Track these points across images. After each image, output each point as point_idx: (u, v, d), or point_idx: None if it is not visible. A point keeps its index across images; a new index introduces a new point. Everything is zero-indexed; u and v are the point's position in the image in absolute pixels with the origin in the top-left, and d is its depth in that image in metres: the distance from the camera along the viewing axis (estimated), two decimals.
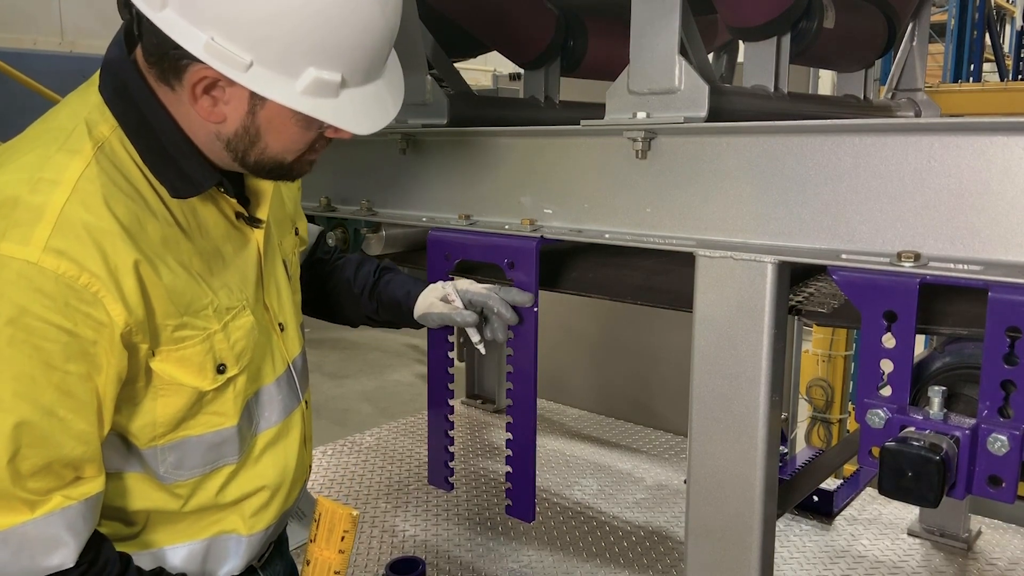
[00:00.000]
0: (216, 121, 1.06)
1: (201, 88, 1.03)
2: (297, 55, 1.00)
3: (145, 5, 0.98)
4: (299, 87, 1.01)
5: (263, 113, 1.06)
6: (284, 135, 1.09)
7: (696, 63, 1.31)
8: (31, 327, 0.93)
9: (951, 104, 4.30)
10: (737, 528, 1.22)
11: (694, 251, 1.22)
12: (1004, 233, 1.00)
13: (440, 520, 2.36)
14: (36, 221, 0.94)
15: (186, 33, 0.97)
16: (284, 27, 0.98)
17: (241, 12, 0.97)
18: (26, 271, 0.92)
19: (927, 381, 1.28)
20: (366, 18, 1.03)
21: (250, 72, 0.99)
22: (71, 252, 0.95)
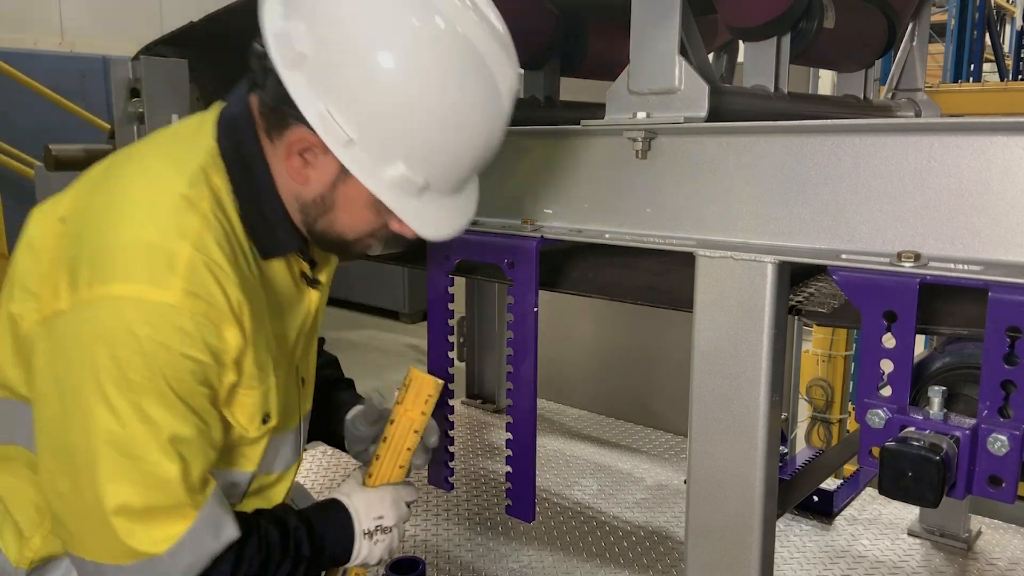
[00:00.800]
0: (300, 182, 1.13)
1: (297, 148, 1.10)
2: (395, 149, 1.06)
3: (281, 63, 1.04)
4: (385, 177, 1.07)
5: (343, 188, 1.12)
6: (355, 214, 1.15)
7: (696, 63, 1.31)
8: (174, 362, 1.03)
9: (951, 104, 4.29)
10: (737, 528, 1.22)
11: (694, 251, 1.22)
12: (1004, 233, 1.00)
13: (440, 520, 2.36)
14: (171, 269, 1.03)
15: (306, 99, 1.04)
16: (394, 122, 1.04)
17: (361, 96, 1.03)
18: (168, 313, 1.02)
19: (927, 381, 1.28)
20: (471, 141, 1.10)
21: (348, 149, 1.05)
22: (202, 292, 1.04)
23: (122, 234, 1.04)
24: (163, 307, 1.02)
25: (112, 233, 1.05)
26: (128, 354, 1.01)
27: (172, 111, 2.19)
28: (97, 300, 1.02)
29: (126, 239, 1.04)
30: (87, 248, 1.05)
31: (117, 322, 1.01)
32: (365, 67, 1.02)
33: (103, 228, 1.06)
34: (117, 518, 1.03)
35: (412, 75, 1.02)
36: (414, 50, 1.02)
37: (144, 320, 1.01)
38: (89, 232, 1.07)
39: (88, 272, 1.03)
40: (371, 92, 1.03)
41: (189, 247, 1.05)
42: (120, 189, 1.10)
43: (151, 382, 1.02)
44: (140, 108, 2.17)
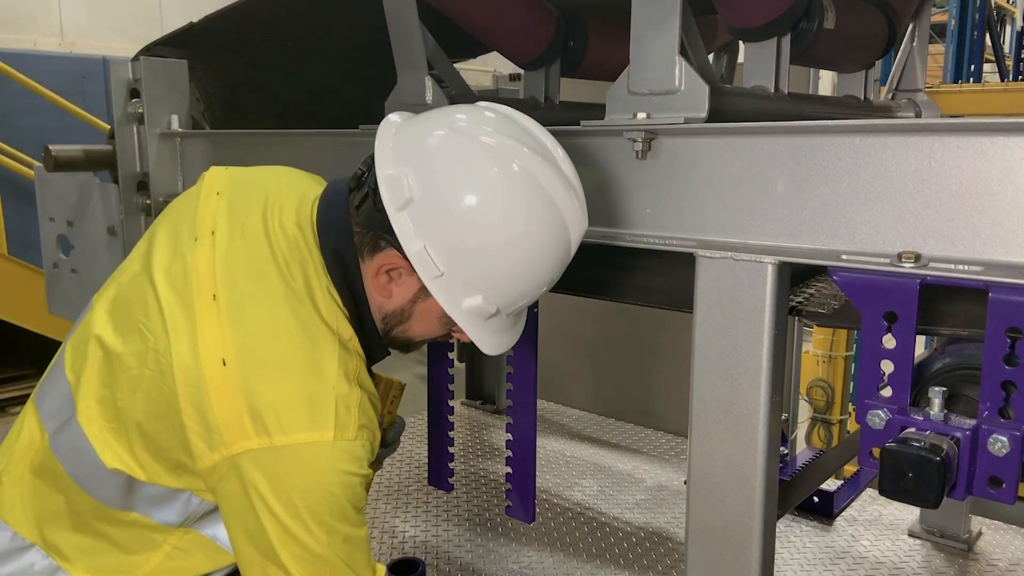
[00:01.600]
0: (383, 296, 1.28)
1: (386, 268, 1.25)
2: (476, 285, 1.20)
3: (390, 204, 1.18)
4: (464, 305, 1.22)
5: (421, 304, 1.27)
6: (427, 325, 1.31)
7: (696, 63, 1.31)
8: (352, 483, 1.20)
9: (951, 105, 4.30)
10: (737, 529, 1.22)
11: (694, 251, 1.22)
12: (1004, 234, 1.00)
13: (440, 521, 2.36)
14: (348, 411, 1.19)
15: (409, 237, 1.18)
16: (479, 263, 1.19)
17: (455, 239, 1.18)
18: (352, 448, 1.19)
19: (927, 382, 1.28)
20: (541, 284, 1.25)
21: (436, 282, 1.20)
22: (369, 425, 1.23)
23: (300, 386, 1.18)
24: (349, 444, 1.18)
25: (286, 385, 1.18)
26: (319, 482, 1.17)
27: (171, 112, 2.19)
28: (289, 446, 1.16)
29: (306, 390, 1.18)
30: (266, 399, 1.16)
31: (312, 462, 1.17)
32: (460, 214, 1.17)
33: (275, 379, 1.18)
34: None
35: (497, 226, 1.17)
36: (499, 204, 1.17)
37: (333, 456, 1.17)
38: (262, 383, 1.17)
39: (274, 420, 1.16)
40: (464, 236, 1.17)
41: (359, 390, 1.22)
42: (278, 331, 1.21)
43: (336, 501, 1.18)
44: (140, 109, 2.17)
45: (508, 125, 1.22)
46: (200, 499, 1.28)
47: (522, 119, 1.25)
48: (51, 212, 2.53)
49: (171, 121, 2.18)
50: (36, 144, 2.81)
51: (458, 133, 1.20)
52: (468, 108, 1.26)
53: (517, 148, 1.18)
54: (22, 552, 1.30)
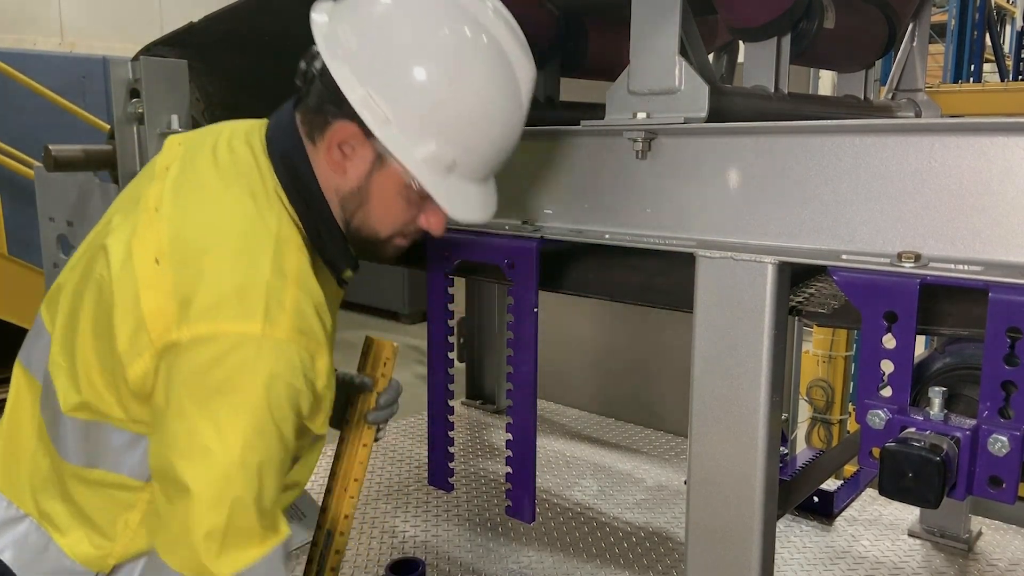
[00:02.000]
0: (339, 175, 1.23)
1: (337, 140, 1.21)
2: (427, 128, 1.16)
3: (329, 57, 1.16)
4: (418, 154, 1.17)
5: (378, 178, 1.22)
6: (388, 204, 1.25)
7: (696, 63, 1.31)
8: (279, 391, 1.12)
9: (951, 104, 4.29)
10: (737, 529, 1.22)
11: (694, 251, 1.22)
12: (1004, 234, 1.00)
13: (440, 520, 2.36)
14: (281, 307, 1.13)
15: (350, 85, 1.15)
16: (426, 103, 1.15)
17: (397, 80, 1.15)
18: (280, 347, 1.12)
19: (927, 382, 1.28)
20: (493, 127, 1.21)
21: (386, 128, 1.16)
22: (307, 329, 1.15)
23: (232, 273, 1.13)
24: (275, 342, 1.12)
25: (223, 272, 1.13)
26: (240, 383, 1.10)
27: (171, 112, 2.19)
28: (214, 335, 1.10)
29: (236, 278, 1.13)
30: (199, 287, 1.12)
31: (234, 355, 1.10)
32: (400, 55, 1.15)
33: (210, 264, 1.14)
34: (206, 541, 1.11)
35: (443, 63, 1.15)
36: (440, 39, 1.16)
37: (260, 355, 1.11)
38: (196, 271, 1.13)
39: (199, 311, 1.11)
40: (406, 76, 1.14)
41: (295, 287, 1.16)
42: (217, 227, 1.17)
43: (257, 409, 1.11)
44: (140, 109, 2.17)
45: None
46: None
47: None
48: (51, 212, 2.53)
49: (171, 121, 2.18)
50: (36, 144, 2.81)
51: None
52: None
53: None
54: (16, 523, 1.28)
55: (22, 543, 1.27)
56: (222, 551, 1.11)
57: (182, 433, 1.11)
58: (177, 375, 1.11)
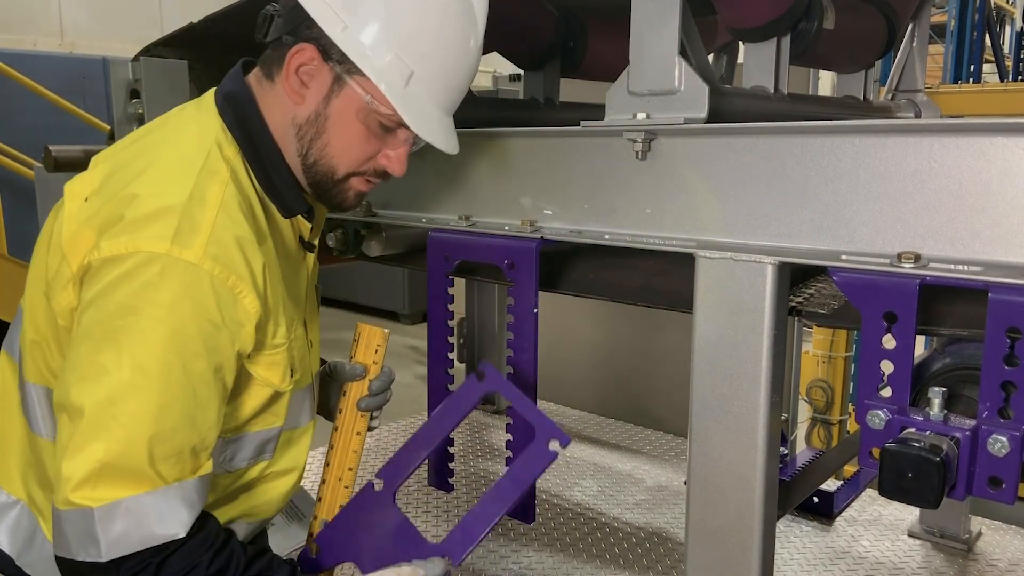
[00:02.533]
0: (296, 102, 1.21)
1: (295, 67, 1.18)
2: (384, 37, 1.15)
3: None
4: (376, 63, 1.16)
5: (336, 103, 1.20)
6: (347, 131, 1.21)
7: (696, 64, 1.31)
8: (185, 319, 1.06)
9: (951, 105, 4.29)
10: (737, 529, 1.22)
11: (694, 252, 1.22)
12: (1004, 234, 1.00)
13: (440, 520, 2.36)
14: (195, 231, 1.08)
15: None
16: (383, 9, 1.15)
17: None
18: (189, 271, 1.07)
19: (927, 382, 1.28)
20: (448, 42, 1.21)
21: (344, 34, 1.14)
22: (223, 257, 1.09)
23: (151, 199, 1.10)
24: (185, 265, 1.06)
25: (142, 198, 1.10)
26: (144, 304, 1.05)
27: None
28: (128, 255, 1.06)
29: (155, 203, 1.09)
30: (116, 210, 1.09)
31: (143, 273, 1.06)
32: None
33: (132, 195, 1.10)
34: (68, 462, 1.05)
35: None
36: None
37: (165, 275, 1.06)
38: (116, 197, 1.11)
39: (118, 231, 1.07)
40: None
41: (213, 213, 1.11)
42: (146, 166, 1.16)
43: (157, 335, 1.05)
44: (140, 109, 2.17)
45: None
46: None
47: None
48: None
49: None
50: (36, 144, 2.81)
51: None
52: None
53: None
54: (8, 508, 1.26)
55: (15, 529, 1.26)
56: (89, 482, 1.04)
57: (84, 355, 1.06)
58: (86, 298, 1.08)
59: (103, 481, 1.04)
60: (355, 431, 1.49)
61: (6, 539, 1.25)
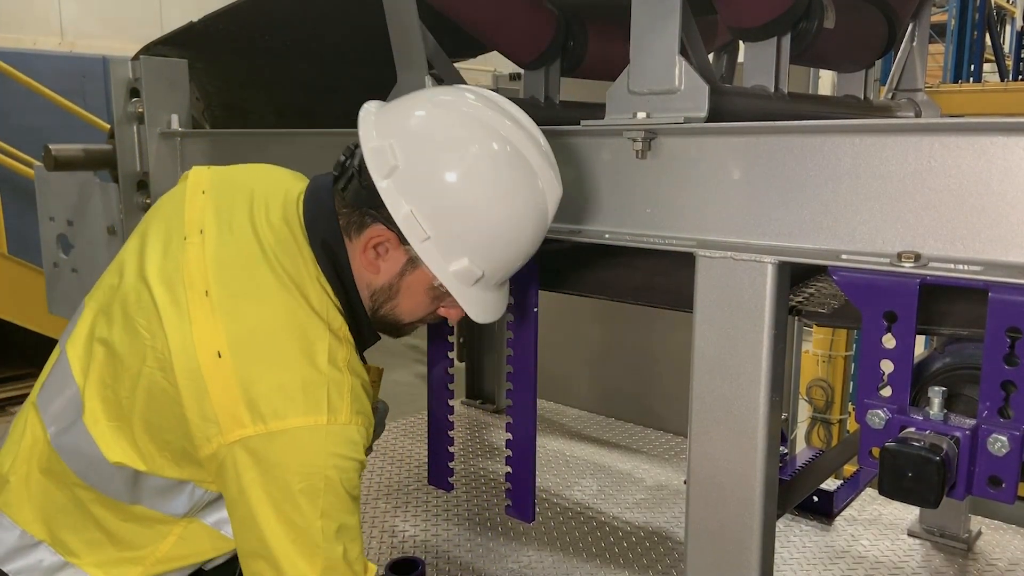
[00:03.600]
0: (372, 272, 1.31)
1: (374, 243, 1.28)
2: (462, 248, 1.24)
3: (376, 173, 1.22)
4: (451, 269, 1.25)
5: (408, 278, 1.31)
6: (415, 299, 1.33)
7: (696, 63, 1.31)
8: (346, 467, 1.22)
9: (951, 104, 4.29)
10: (737, 529, 1.22)
11: (694, 251, 1.22)
12: (1004, 234, 1.00)
13: (440, 520, 2.36)
14: (340, 396, 1.22)
15: (395, 202, 1.22)
16: (464, 224, 1.23)
17: (439, 201, 1.22)
18: (345, 432, 1.22)
19: (927, 381, 1.28)
20: (525, 243, 1.29)
21: (424, 244, 1.24)
22: (362, 408, 1.25)
23: (292, 372, 1.20)
24: (342, 428, 1.21)
25: (279, 374, 1.20)
26: (315, 467, 1.19)
27: (171, 111, 2.19)
28: (284, 431, 1.18)
29: (298, 377, 1.20)
30: (261, 388, 1.19)
31: (305, 446, 1.19)
32: (443, 178, 1.21)
33: (268, 369, 1.20)
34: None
35: (478, 186, 1.22)
36: (480, 166, 1.23)
37: (328, 441, 1.20)
38: (256, 373, 1.20)
39: (269, 407, 1.18)
40: (447, 199, 1.22)
41: (349, 375, 1.24)
42: (267, 321, 1.23)
43: (332, 488, 1.20)
44: (140, 108, 2.18)
45: (487, 100, 1.28)
46: (204, 489, 1.31)
47: (499, 98, 1.30)
48: (51, 212, 2.53)
49: (171, 120, 2.18)
50: (36, 144, 2.81)
51: (439, 105, 1.27)
52: (448, 88, 1.34)
53: (497, 118, 1.25)
54: (30, 549, 1.32)
55: (36, 567, 1.32)
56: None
57: (264, 518, 1.20)
58: (252, 467, 1.19)
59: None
60: None
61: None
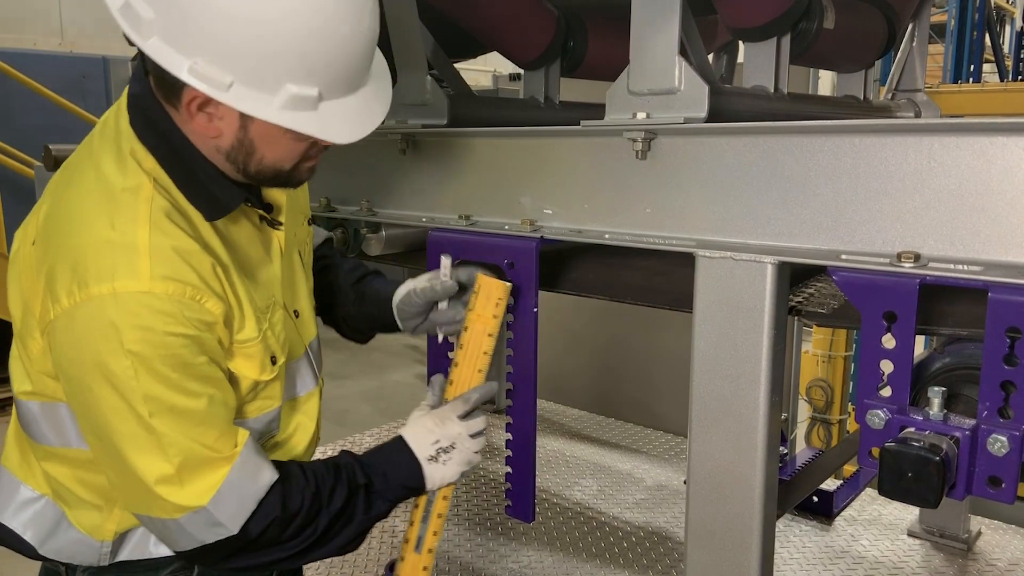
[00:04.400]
0: (213, 136, 1.16)
1: (195, 106, 1.12)
2: (273, 73, 1.07)
3: (134, 35, 1.06)
4: (277, 103, 1.09)
5: (254, 127, 1.14)
6: (277, 146, 1.17)
7: (696, 63, 1.31)
8: (162, 342, 1.09)
9: (951, 105, 4.29)
10: (737, 529, 1.22)
11: (694, 251, 1.22)
12: (1004, 234, 1.00)
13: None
14: (134, 257, 1.09)
15: (171, 59, 1.06)
16: (260, 48, 1.05)
17: (218, 37, 1.05)
18: (145, 299, 1.08)
19: (927, 382, 1.29)
20: (340, 35, 1.10)
21: (231, 91, 1.07)
22: (172, 274, 1.10)
23: (84, 238, 1.11)
24: (138, 295, 1.08)
25: (75, 239, 1.12)
26: (115, 346, 1.08)
27: None
28: (79, 304, 1.09)
29: (88, 242, 1.11)
30: (56, 259, 1.12)
31: (102, 319, 1.08)
32: (211, 8, 1.04)
33: (66, 237, 1.13)
34: (159, 486, 1.14)
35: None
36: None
37: (124, 311, 1.08)
38: (55, 244, 1.14)
39: (64, 281, 1.10)
40: (227, 29, 1.04)
41: (146, 234, 1.10)
42: (74, 198, 1.17)
43: (143, 364, 1.09)
44: None
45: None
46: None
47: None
48: None
49: None
50: (36, 144, 2.81)
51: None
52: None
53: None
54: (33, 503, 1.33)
55: (39, 520, 1.32)
56: (183, 486, 1.14)
57: (95, 406, 1.13)
58: (60, 351, 1.13)
59: (189, 481, 1.14)
60: (487, 333, 1.43)
61: (30, 532, 1.31)
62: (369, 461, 1.33)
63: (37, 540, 1.31)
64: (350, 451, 1.36)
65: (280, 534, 1.22)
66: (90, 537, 1.29)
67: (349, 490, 1.28)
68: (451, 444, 1.38)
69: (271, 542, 1.22)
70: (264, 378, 1.25)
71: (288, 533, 1.22)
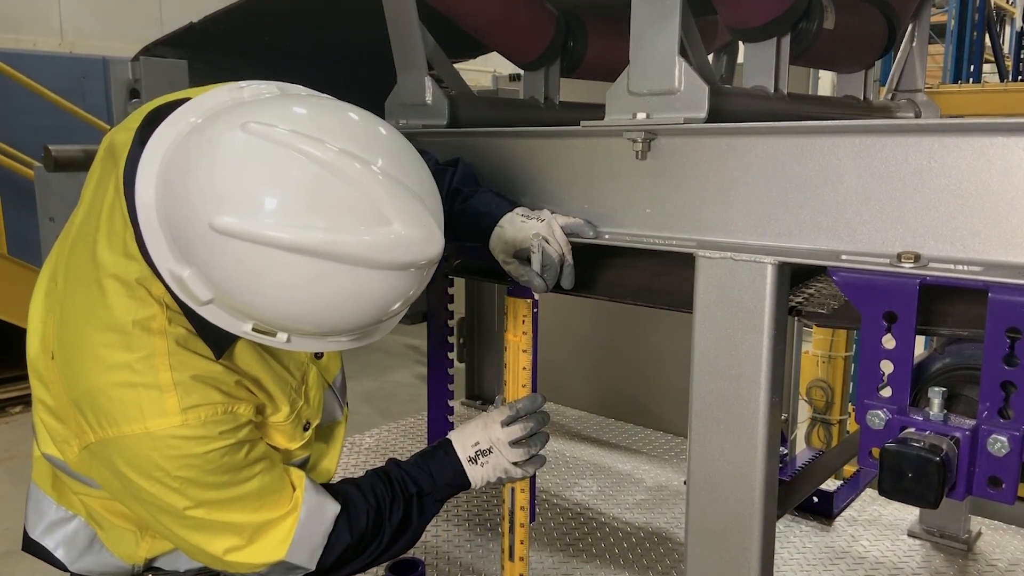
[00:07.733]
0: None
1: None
2: (248, 315, 1.09)
3: (146, 225, 1.07)
4: (246, 328, 1.11)
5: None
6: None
7: (696, 64, 1.31)
8: (205, 460, 1.14)
9: (951, 105, 4.29)
10: (737, 529, 1.22)
11: (694, 252, 1.22)
12: (1004, 234, 1.00)
13: (440, 520, 2.36)
14: (160, 397, 1.11)
15: (165, 263, 1.08)
16: (243, 295, 1.05)
17: (215, 271, 1.04)
18: (179, 431, 1.12)
19: (927, 382, 1.28)
20: (388, 312, 1.12)
21: (206, 307, 1.09)
22: (199, 401, 1.13)
23: (103, 380, 1.12)
24: (172, 430, 1.12)
25: (95, 380, 1.12)
26: (160, 475, 1.13)
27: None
28: (114, 440, 1.13)
29: (110, 384, 1.12)
30: (81, 398, 1.14)
31: (140, 455, 1.13)
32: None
33: (84, 376, 1.13)
34: (229, 555, 1.21)
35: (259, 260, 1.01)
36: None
37: (162, 446, 1.12)
38: (73, 379, 1.15)
39: (93, 418, 1.13)
40: (222, 270, 1.03)
41: (168, 374, 1.12)
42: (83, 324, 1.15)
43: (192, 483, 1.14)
44: None
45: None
46: None
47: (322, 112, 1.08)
48: (51, 212, 2.53)
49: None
50: (36, 144, 2.81)
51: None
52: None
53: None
54: (66, 522, 1.36)
55: (72, 540, 1.35)
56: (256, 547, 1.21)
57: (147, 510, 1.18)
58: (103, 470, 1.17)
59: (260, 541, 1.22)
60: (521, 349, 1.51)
61: (62, 551, 1.35)
62: (416, 464, 1.41)
63: (69, 559, 1.35)
64: (396, 459, 1.43)
65: (352, 556, 1.32)
66: (123, 561, 1.34)
67: (405, 501, 1.37)
68: (489, 448, 1.44)
69: (344, 563, 1.32)
70: (294, 446, 1.32)
71: (358, 552, 1.33)
